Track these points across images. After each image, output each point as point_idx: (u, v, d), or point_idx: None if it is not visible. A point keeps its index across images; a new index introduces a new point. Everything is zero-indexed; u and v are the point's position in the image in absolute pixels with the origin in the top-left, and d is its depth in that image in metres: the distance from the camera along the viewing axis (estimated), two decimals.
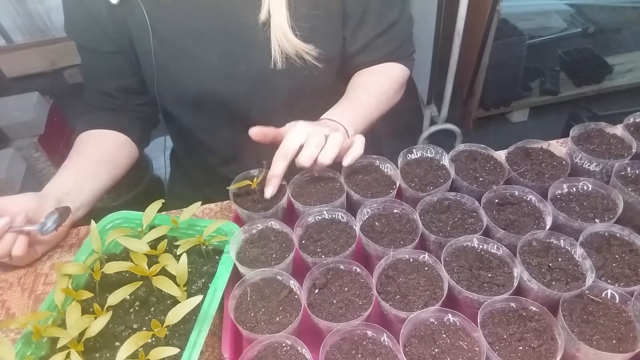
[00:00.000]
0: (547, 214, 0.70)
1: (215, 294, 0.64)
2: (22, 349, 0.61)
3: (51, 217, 0.74)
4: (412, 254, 0.67)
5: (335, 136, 0.73)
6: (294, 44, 0.81)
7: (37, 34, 2.91)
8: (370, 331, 0.60)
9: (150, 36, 0.82)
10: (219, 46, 0.84)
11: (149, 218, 0.72)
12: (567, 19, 3.04)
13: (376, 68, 0.96)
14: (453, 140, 2.41)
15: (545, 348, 0.56)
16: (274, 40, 0.81)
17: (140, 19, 0.81)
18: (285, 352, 0.59)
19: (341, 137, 0.73)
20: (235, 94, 0.89)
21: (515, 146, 0.84)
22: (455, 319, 0.60)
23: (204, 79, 0.87)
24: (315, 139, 0.72)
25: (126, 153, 0.95)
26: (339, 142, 0.73)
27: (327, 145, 0.72)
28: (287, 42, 0.81)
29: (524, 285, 0.63)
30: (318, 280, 0.66)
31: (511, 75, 2.37)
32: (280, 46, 0.82)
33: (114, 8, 0.81)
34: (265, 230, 0.73)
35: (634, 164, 0.76)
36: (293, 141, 0.72)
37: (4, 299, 0.78)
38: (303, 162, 0.72)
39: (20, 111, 2.03)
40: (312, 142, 0.72)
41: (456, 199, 0.74)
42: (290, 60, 0.84)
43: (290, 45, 0.81)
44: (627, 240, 0.67)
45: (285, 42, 0.81)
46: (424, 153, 0.83)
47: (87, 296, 0.63)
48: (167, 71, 0.87)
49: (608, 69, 2.56)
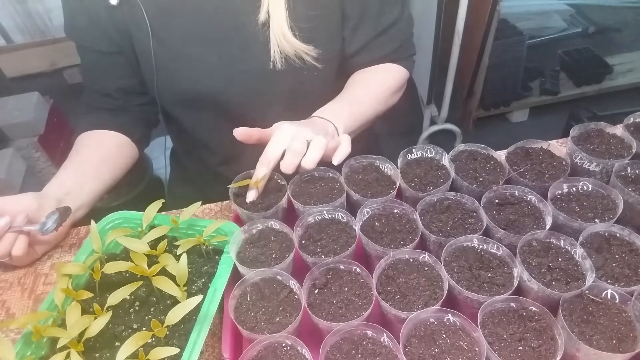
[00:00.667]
0: (547, 214, 0.70)
1: (215, 294, 0.64)
2: (22, 349, 0.60)
3: (51, 217, 0.74)
4: (412, 254, 0.67)
5: (317, 140, 0.72)
6: (293, 44, 0.81)
7: (37, 34, 2.91)
8: (370, 331, 0.60)
9: (149, 37, 0.82)
10: (218, 46, 0.84)
11: (149, 218, 0.72)
12: (567, 19, 3.05)
13: (375, 68, 0.96)
14: (453, 140, 2.41)
15: (545, 348, 0.56)
16: (273, 41, 0.81)
17: (139, 19, 0.81)
18: (285, 352, 0.59)
19: (323, 141, 0.72)
20: (234, 94, 0.89)
21: (515, 146, 0.84)
22: (455, 319, 0.60)
23: (203, 80, 0.87)
24: (297, 146, 0.71)
25: (126, 153, 0.95)
26: (321, 146, 0.72)
27: (310, 151, 0.71)
28: (286, 43, 0.81)
29: (524, 285, 0.63)
30: (318, 280, 0.66)
31: (511, 75, 2.37)
32: (279, 47, 0.82)
33: (113, 9, 0.81)
34: (265, 230, 0.73)
35: (634, 164, 0.76)
36: (275, 148, 0.72)
37: (4, 299, 0.78)
38: (284, 169, 0.71)
39: (20, 111, 2.03)
40: (293, 150, 0.71)
41: (456, 199, 0.74)
42: (289, 61, 0.84)
43: (289, 45, 0.81)
44: (627, 240, 0.67)
45: (284, 42, 0.81)
46: (424, 153, 0.83)
47: (87, 296, 0.63)
48: (167, 71, 0.87)
49: (608, 69, 2.56)
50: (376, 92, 0.92)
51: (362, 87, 0.92)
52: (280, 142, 0.72)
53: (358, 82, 0.94)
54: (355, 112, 0.87)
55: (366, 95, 0.91)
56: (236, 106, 0.91)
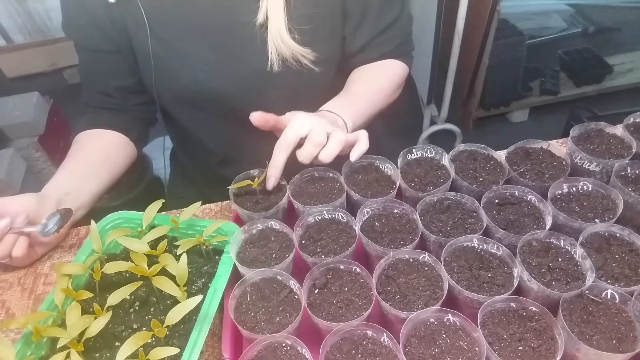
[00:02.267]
0: (547, 214, 0.70)
1: (215, 294, 0.64)
2: (22, 349, 0.60)
3: (53, 219, 0.74)
4: (412, 254, 0.67)
5: (337, 134, 0.71)
6: (291, 47, 0.81)
7: (37, 34, 2.91)
8: (370, 331, 0.60)
9: (148, 35, 0.82)
10: (217, 46, 0.84)
11: (149, 218, 0.72)
12: (567, 19, 3.04)
13: (375, 64, 0.96)
14: (453, 140, 2.41)
15: (545, 348, 0.56)
16: (271, 43, 0.81)
17: (138, 18, 0.81)
18: (285, 352, 0.59)
19: (343, 136, 0.72)
20: (233, 94, 0.89)
21: (515, 146, 0.84)
22: (455, 319, 0.60)
23: (202, 79, 0.87)
24: (317, 138, 0.70)
25: (125, 153, 0.95)
26: (341, 140, 0.71)
27: (330, 144, 0.71)
28: (284, 45, 0.81)
29: (524, 285, 0.63)
30: (318, 280, 0.66)
31: (511, 75, 2.37)
32: (277, 49, 0.81)
33: (111, 7, 0.81)
34: (265, 230, 0.73)
35: (634, 164, 0.76)
36: (294, 133, 0.71)
37: (4, 299, 0.78)
38: (302, 159, 0.71)
39: (20, 111, 2.03)
40: (313, 140, 0.70)
41: (456, 199, 0.74)
42: (286, 63, 0.83)
43: (287, 48, 0.81)
44: (627, 240, 0.67)
45: (282, 45, 0.81)
46: (424, 153, 0.83)
47: (87, 296, 0.63)
48: (166, 70, 0.86)
49: (608, 69, 2.56)
50: (379, 88, 0.92)
51: (365, 83, 0.92)
52: (299, 128, 0.71)
53: (360, 78, 0.94)
54: (361, 107, 0.87)
55: (369, 91, 0.91)
56: (235, 105, 0.90)
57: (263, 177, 0.76)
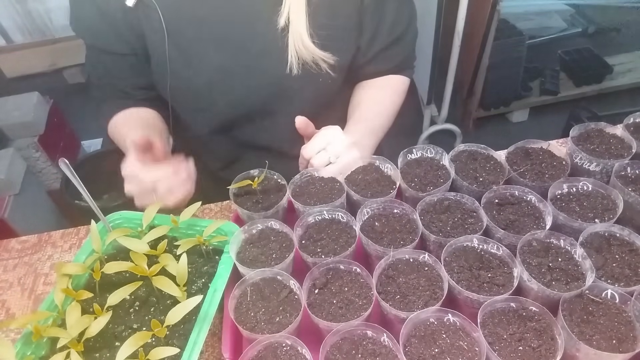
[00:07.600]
0: (547, 214, 0.70)
1: (215, 294, 0.64)
2: (22, 349, 0.61)
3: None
4: (412, 254, 0.67)
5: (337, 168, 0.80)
6: (312, 50, 0.81)
7: (37, 34, 2.91)
8: (370, 331, 0.60)
9: (165, 40, 0.81)
10: (235, 52, 0.83)
11: (149, 218, 0.72)
12: (567, 19, 3.04)
13: (379, 82, 0.97)
14: (453, 140, 2.41)
15: (545, 348, 0.56)
16: (292, 46, 0.81)
17: (156, 23, 0.80)
18: (285, 352, 0.59)
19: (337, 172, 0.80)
20: (249, 100, 0.88)
21: (515, 146, 0.84)
22: (455, 319, 0.60)
23: (218, 86, 0.85)
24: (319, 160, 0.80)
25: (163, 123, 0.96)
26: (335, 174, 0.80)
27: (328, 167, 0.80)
28: (304, 49, 0.81)
29: (524, 285, 0.63)
30: (318, 280, 0.66)
31: (511, 75, 2.38)
32: (297, 52, 0.81)
33: (129, 11, 0.80)
34: (265, 230, 0.73)
35: (634, 164, 0.76)
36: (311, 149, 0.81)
37: (4, 299, 0.78)
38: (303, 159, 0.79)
39: (20, 111, 2.03)
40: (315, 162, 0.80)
41: (456, 199, 0.74)
42: (306, 67, 0.83)
43: (307, 51, 0.81)
44: (627, 240, 0.67)
45: (302, 48, 0.81)
46: (424, 153, 0.83)
47: (87, 296, 0.63)
48: (181, 75, 0.85)
49: (608, 69, 2.56)
50: (388, 115, 0.96)
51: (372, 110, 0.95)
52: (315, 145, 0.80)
53: (367, 105, 0.95)
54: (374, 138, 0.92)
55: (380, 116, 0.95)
56: (249, 111, 0.90)
57: (263, 177, 0.76)
